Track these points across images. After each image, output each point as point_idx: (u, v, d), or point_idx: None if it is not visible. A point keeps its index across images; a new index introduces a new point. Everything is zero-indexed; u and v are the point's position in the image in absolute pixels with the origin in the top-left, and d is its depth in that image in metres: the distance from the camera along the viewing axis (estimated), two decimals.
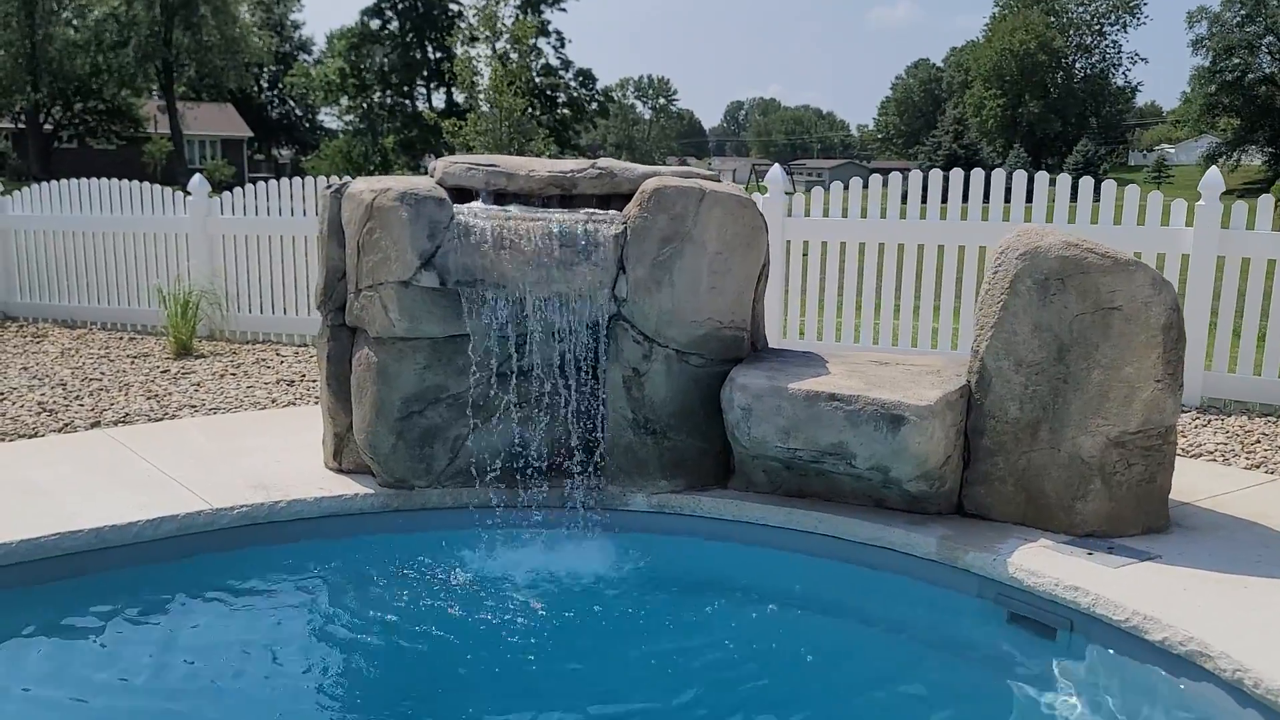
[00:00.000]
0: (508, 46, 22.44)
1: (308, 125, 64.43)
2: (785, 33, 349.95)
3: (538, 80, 51.54)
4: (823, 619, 3.81)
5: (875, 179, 6.84)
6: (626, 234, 4.00)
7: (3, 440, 5.03)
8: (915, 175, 6.84)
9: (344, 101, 48.09)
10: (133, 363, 7.33)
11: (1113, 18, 75.63)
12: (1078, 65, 75.45)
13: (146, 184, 8.91)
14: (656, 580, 3.97)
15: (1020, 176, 6.57)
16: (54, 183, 9.37)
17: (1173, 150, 68.10)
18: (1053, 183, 6.50)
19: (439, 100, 52.45)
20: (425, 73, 52.53)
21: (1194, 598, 3.29)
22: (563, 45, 52.97)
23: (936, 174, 6.83)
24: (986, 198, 6.56)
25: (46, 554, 3.59)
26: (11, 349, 7.95)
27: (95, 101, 44.92)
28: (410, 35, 51.14)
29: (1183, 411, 5.99)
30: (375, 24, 49.83)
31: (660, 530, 4.21)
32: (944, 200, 6.67)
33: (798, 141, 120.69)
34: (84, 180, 9.19)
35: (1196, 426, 5.60)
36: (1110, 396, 3.79)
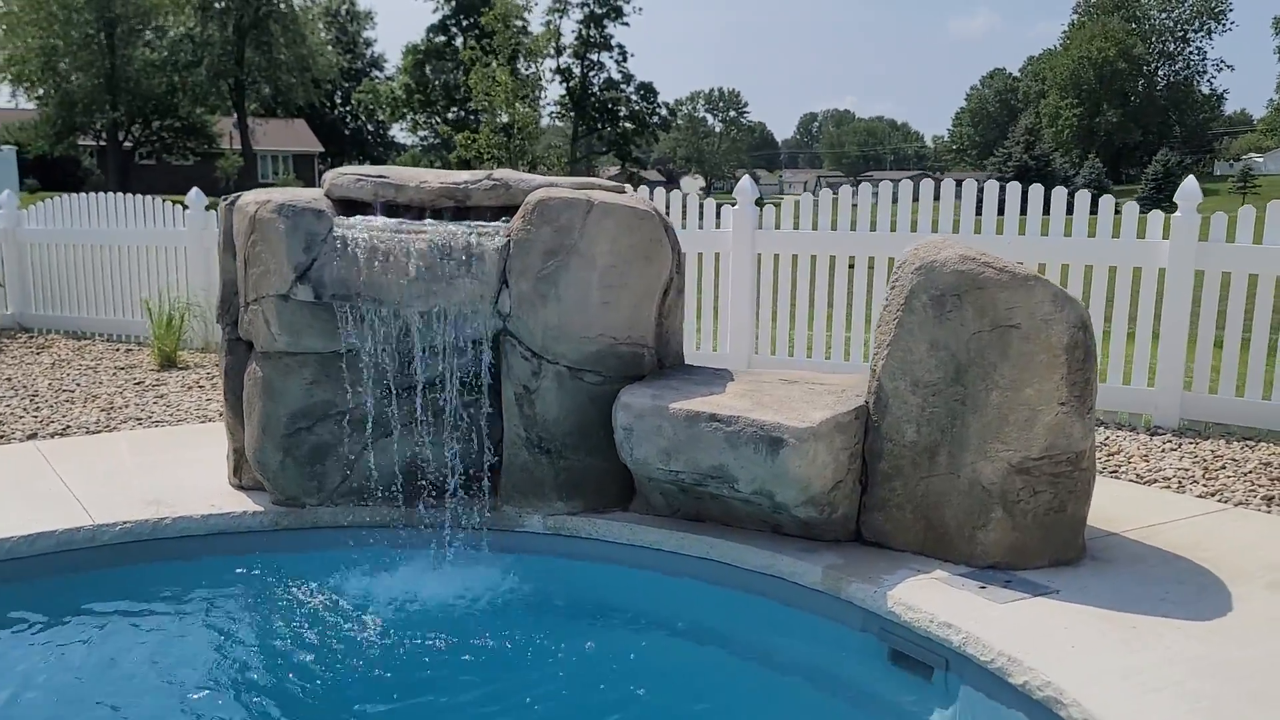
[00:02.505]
0: (570, 62, 22.54)
1: (378, 141, 65.66)
2: (863, 44, 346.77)
3: (597, 94, 51.86)
4: (704, 650, 3.63)
5: (845, 189, 6.61)
6: (510, 247, 3.89)
7: None
8: (885, 186, 6.61)
9: (410, 117, 48.88)
10: (114, 375, 7.44)
11: (1196, 24, 73.42)
12: (1160, 73, 73.38)
13: (147, 197, 9.07)
14: (543, 606, 3.84)
15: (992, 188, 6.28)
16: (64, 197, 9.60)
17: (1261, 159, 65.67)
18: (1027, 195, 6.21)
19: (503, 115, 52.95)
20: None
21: (1071, 638, 3.05)
22: (625, 59, 53.17)
23: (899, 185, 6.58)
24: (979, 210, 6.29)
25: None
26: (9, 360, 8.14)
27: (171, 119, 46.31)
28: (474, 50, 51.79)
29: (1156, 434, 5.66)
30: (440, 40, 50.59)
31: (555, 553, 4.08)
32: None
33: (870, 153, 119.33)
34: (89, 195, 9.40)
35: (1164, 450, 5.27)
36: (1010, 420, 3.55)
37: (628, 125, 52.86)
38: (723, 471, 3.66)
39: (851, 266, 6.61)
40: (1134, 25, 70.94)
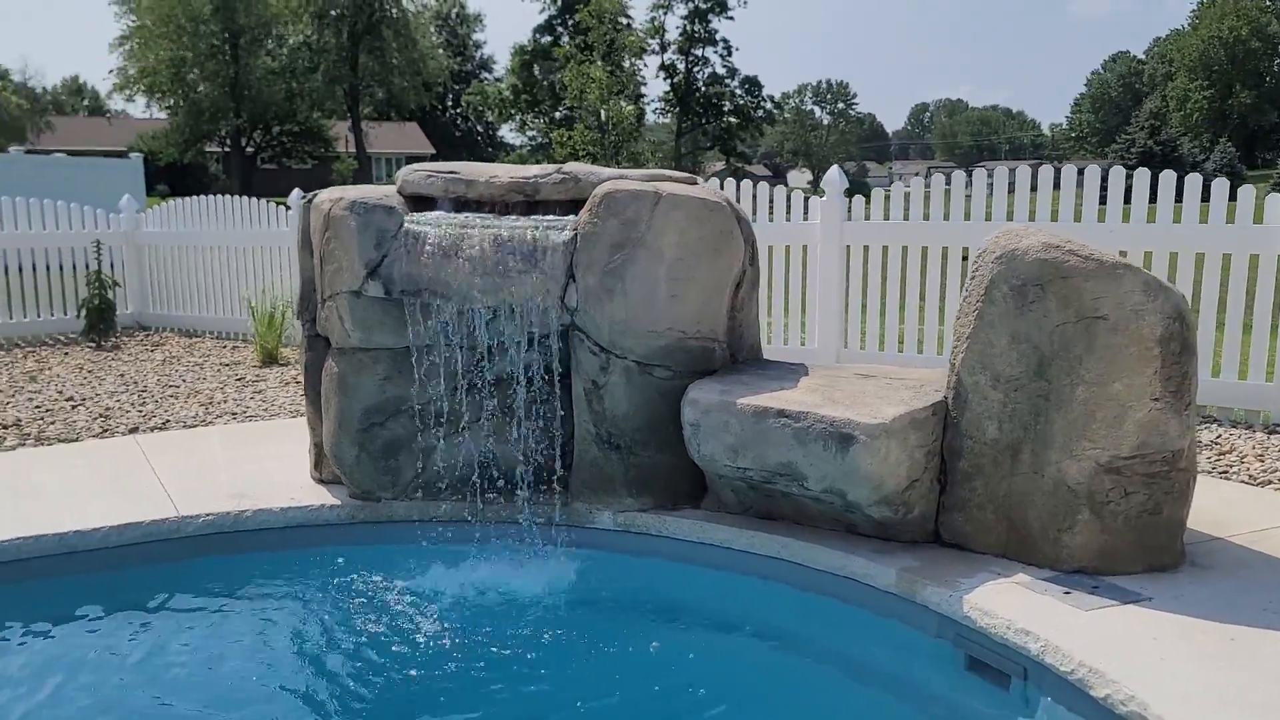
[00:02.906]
0: (675, 58, 22.52)
1: (488, 142, 66.78)
2: (977, 31, 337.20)
3: (701, 89, 51.66)
4: (773, 652, 3.53)
5: (936, 178, 6.39)
6: (576, 240, 3.85)
7: (44, 445, 5.35)
8: (979, 174, 6.34)
9: (517, 117, 49.52)
10: (218, 371, 7.71)
11: None
12: None
13: (252, 199, 9.38)
14: (610, 603, 3.80)
15: (1093, 173, 5.97)
16: (176, 200, 10.00)
17: None
18: (1131, 178, 5.89)
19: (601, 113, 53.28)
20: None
21: (1161, 649, 2.85)
22: (729, 53, 52.82)
23: (994, 173, 6.31)
24: (1103, 199, 5.98)
25: (9, 557, 3.75)
26: (125, 357, 8.51)
27: (290, 124, 48.04)
28: (580, 50, 52.23)
29: (1275, 432, 5.29)
30: (547, 40, 51.11)
31: (624, 550, 4.03)
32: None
33: (984, 143, 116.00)
34: (199, 198, 9.77)
35: None
36: (1097, 416, 3.35)
37: (732, 120, 52.49)
38: (791, 469, 3.56)
39: (947, 258, 6.39)
40: (1269, 2, 67.11)
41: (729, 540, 3.87)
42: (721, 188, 7.18)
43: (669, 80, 53.46)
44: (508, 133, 62.38)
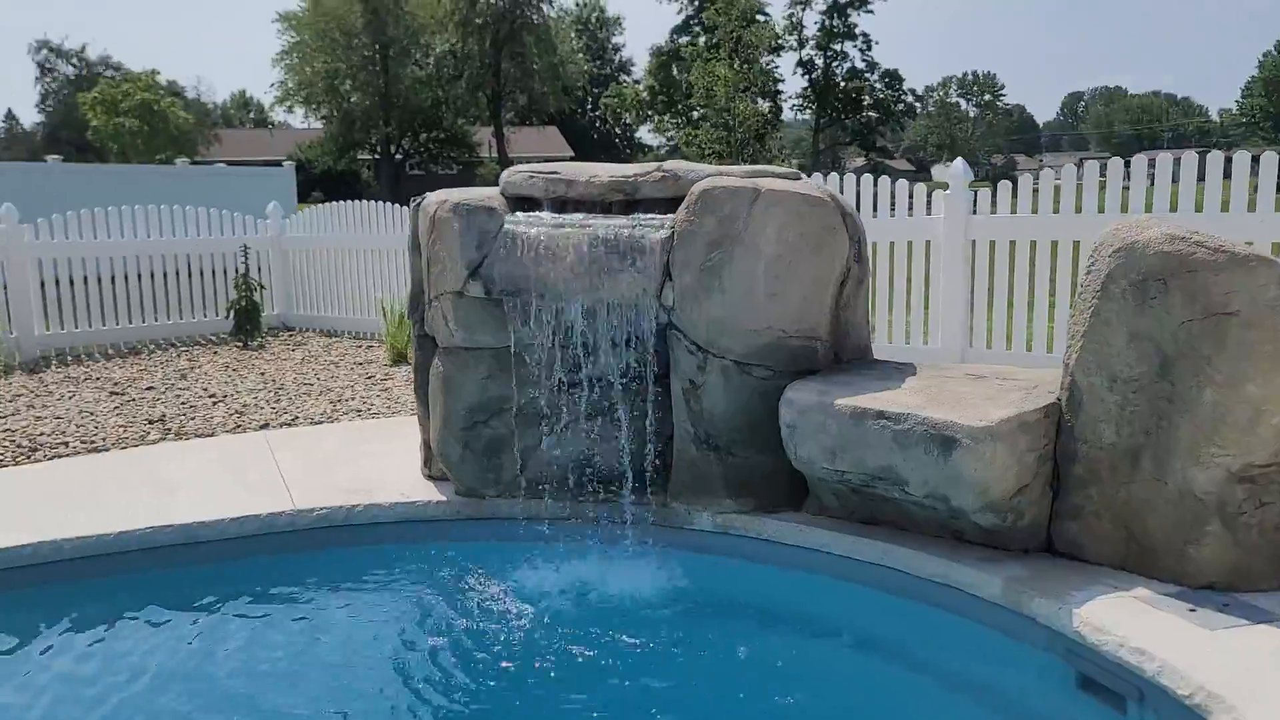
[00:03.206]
0: (813, 53, 22.28)
1: (625, 144, 67.38)
2: (1138, 14, 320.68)
3: (840, 84, 50.78)
4: (869, 661, 3.43)
5: (1068, 168, 6.07)
6: (673, 239, 3.81)
7: (181, 439, 5.65)
8: (1114, 165, 5.97)
9: (654, 118, 49.80)
10: (351, 369, 8.00)
11: None
12: None
13: (381, 204, 9.70)
14: (706, 605, 3.75)
15: (1241, 160, 5.56)
16: (318, 206, 10.44)
17: None
18: None
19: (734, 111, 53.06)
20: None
21: None
22: (869, 48, 51.74)
23: (1133, 163, 5.95)
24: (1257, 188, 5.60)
25: (139, 545, 3.96)
26: (268, 356, 8.93)
27: (437, 131, 49.60)
28: (707, 49, 52.09)
29: None
30: (684, 40, 51.24)
31: (722, 552, 3.98)
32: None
33: (1144, 131, 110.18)
34: (336, 203, 10.18)
35: None
36: (1228, 420, 3.11)
37: (871, 115, 51.42)
38: (891, 473, 3.43)
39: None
40: None
41: (828, 544, 3.76)
42: (829, 181, 7.02)
43: (807, 76, 52.79)
44: (646, 134, 62.81)
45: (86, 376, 7.98)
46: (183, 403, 6.75)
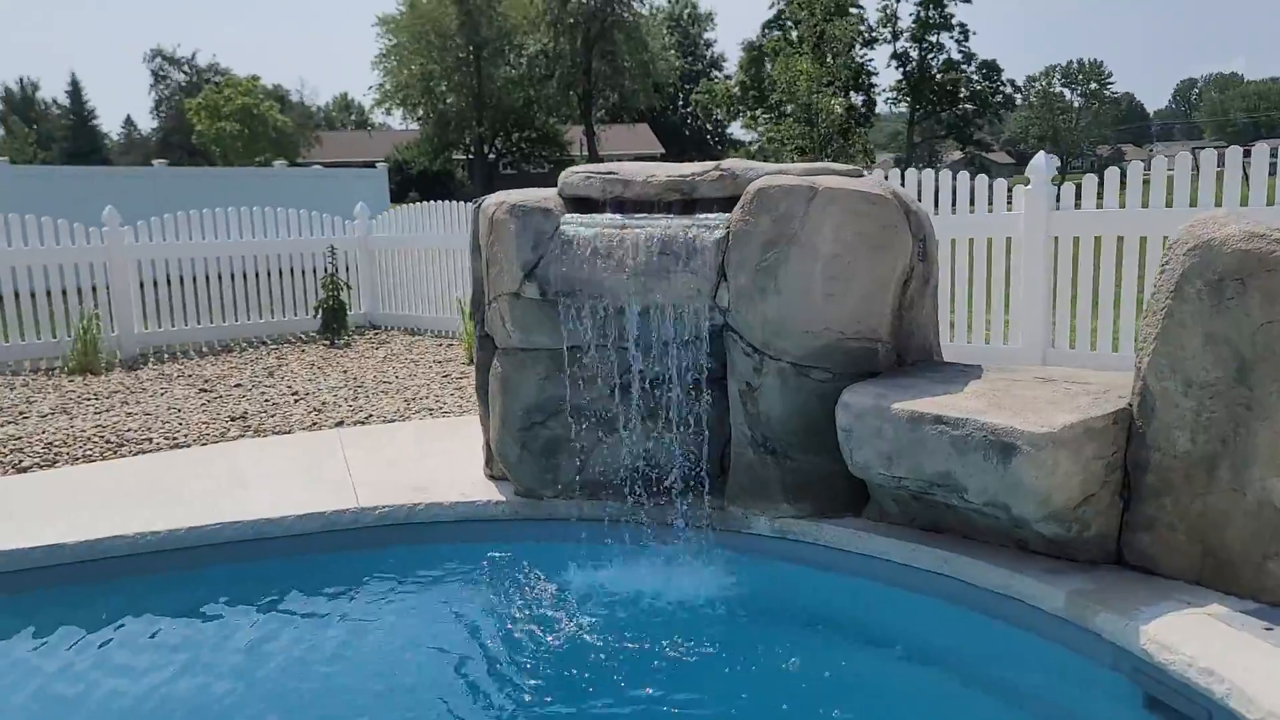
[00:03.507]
0: (908, 45, 21.87)
1: (717, 140, 67.15)
2: None
3: (936, 76, 49.70)
4: (927, 674, 3.32)
5: (1158, 160, 5.80)
6: (728, 239, 3.76)
7: (259, 436, 5.80)
8: (1207, 155, 5.64)
9: (745, 113, 49.53)
10: (429, 368, 8.12)
11: None
12: None
13: (462, 204, 9.83)
14: (762, 611, 3.69)
15: None
16: (403, 207, 10.64)
17: None
18: None
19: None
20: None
21: None
22: (966, 38, 50.52)
23: (1226, 153, 5.65)
24: None
25: (208, 541, 4.07)
26: (352, 354, 9.13)
27: (529, 130, 50.18)
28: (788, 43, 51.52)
29: None
30: (776, 35, 50.85)
31: (780, 557, 3.91)
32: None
33: (1262, 119, 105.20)
34: (423, 204, 10.35)
35: None
36: None
37: (968, 107, 50.19)
38: (949, 479, 3.32)
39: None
40: None
41: (887, 552, 3.67)
42: (905, 177, 6.85)
43: (901, 69, 51.82)
44: (737, 130, 62.49)
45: (180, 374, 8.27)
46: (266, 400, 6.94)
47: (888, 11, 49.69)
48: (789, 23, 47.73)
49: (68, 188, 17.33)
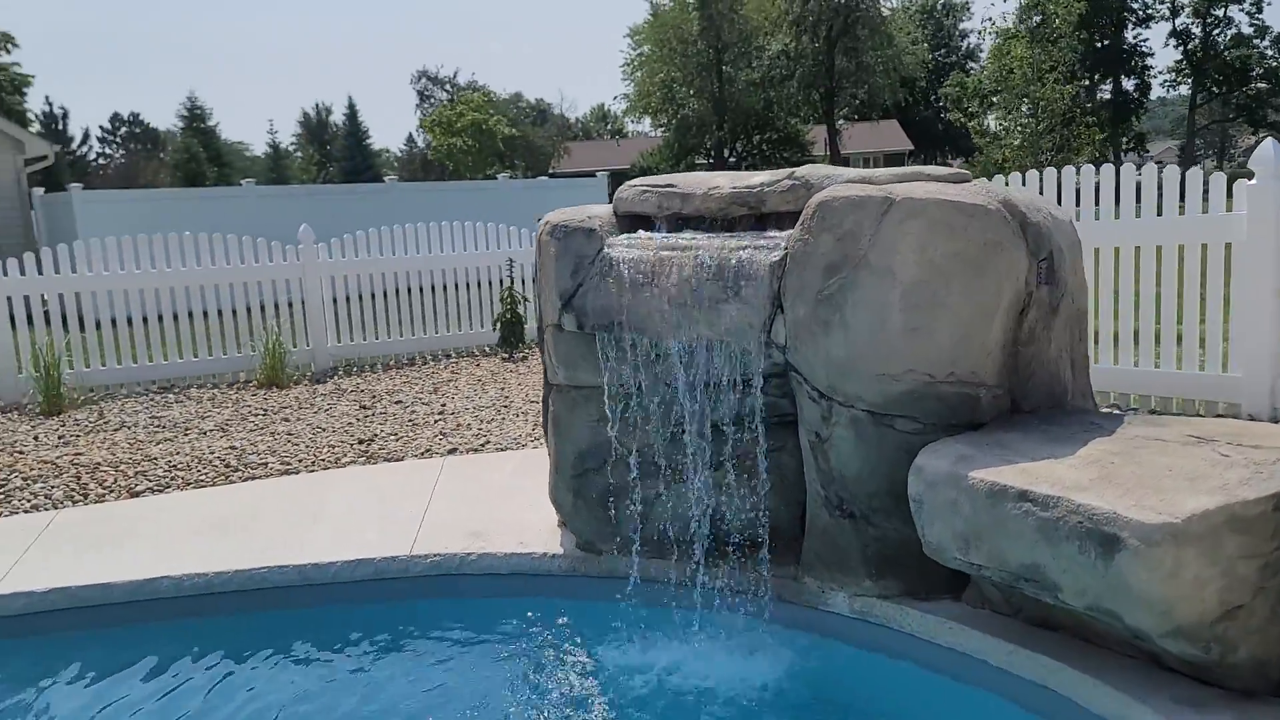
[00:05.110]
0: (1189, 21, 19.72)
1: (969, 133, 63.66)
2: None
3: (1223, 54, 44.62)
4: None
5: None
6: (785, 262, 3.13)
7: (372, 462, 5.64)
8: None
9: (994, 106, 46.52)
10: None
11: None
12: None
13: None
14: (826, 708, 3.06)
15: None
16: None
17: None
18: None
19: (1104, 91, 48.32)
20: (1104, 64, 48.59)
21: None
22: (1259, 9, 44.91)
23: None
24: None
25: (257, 585, 3.87)
26: (523, 369, 8.98)
27: (770, 132, 49.49)
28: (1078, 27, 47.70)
29: None
30: (1037, 20, 47.43)
31: (857, 642, 3.24)
32: None
33: None
34: None
35: None
36: None
37: (1261, 86, 44.69)
38: (1038, 574, 2.55)
39: None
40: None
41: (983, 652, 2.93)
42: (1061, 177, 5.78)
43: (1181, 47, 46.96)
44: (993, 123, 59.03)
45: (354, 388, 8.39)
46: (410, 420, 6.84)
47: None
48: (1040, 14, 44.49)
49: (307, 206, 18.49)
